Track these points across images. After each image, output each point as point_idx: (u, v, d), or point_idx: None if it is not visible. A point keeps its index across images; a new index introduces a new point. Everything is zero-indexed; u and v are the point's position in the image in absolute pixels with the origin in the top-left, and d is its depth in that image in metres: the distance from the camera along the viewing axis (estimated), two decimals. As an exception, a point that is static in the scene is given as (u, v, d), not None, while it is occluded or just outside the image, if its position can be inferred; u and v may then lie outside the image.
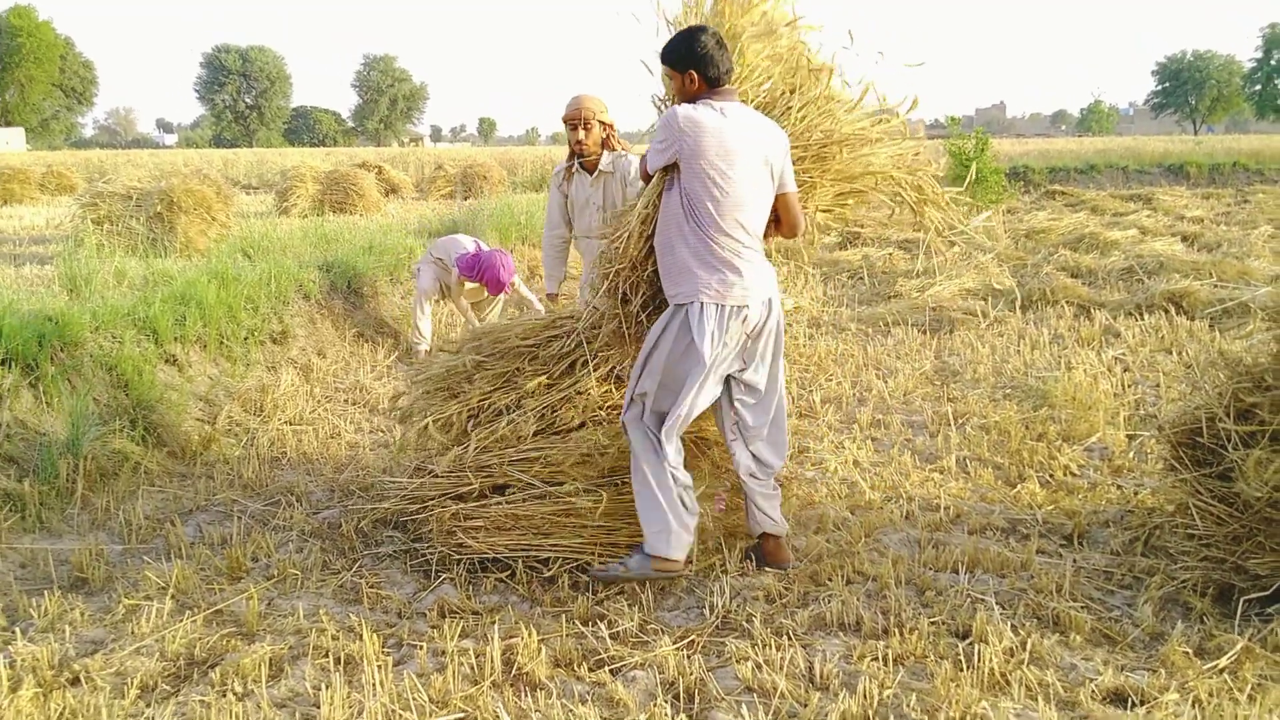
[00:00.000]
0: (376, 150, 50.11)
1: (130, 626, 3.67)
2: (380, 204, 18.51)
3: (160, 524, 4.73)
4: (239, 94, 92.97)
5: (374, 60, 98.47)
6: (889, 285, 11.15)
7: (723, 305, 3.76)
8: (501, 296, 8.34)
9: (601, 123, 5.51)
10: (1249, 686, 3.16)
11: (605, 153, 5.58)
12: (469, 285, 8.15)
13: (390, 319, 9.25)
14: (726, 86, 3.81)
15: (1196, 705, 3.06)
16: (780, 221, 4.00)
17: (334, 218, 15.76)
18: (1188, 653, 3.36)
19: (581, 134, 5.47)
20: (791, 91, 4.18)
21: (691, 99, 3.80)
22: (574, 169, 5.74)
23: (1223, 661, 3.29)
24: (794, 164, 4.01)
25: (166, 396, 5.92)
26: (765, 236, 3.97)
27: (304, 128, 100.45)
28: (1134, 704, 3.09)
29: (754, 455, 4.02)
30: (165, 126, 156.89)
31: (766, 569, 4.09)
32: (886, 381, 7.18)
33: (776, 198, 3.91)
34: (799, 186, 4.05)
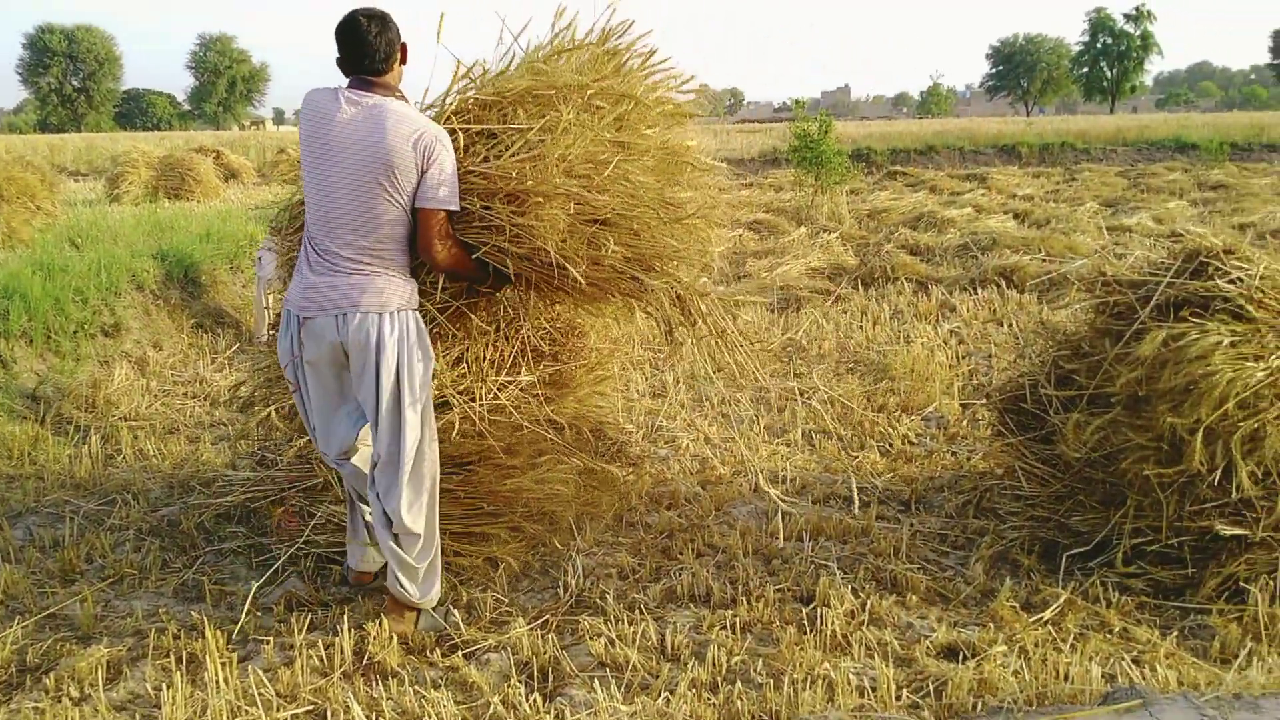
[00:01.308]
0: (215, 134, 48.25)
1: (-47, 636, 3.48)
2: (219, 190, 17.85)
3: (-16, 528, 4.48)
4: (65, 76, 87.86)
5: (211, 40, 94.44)
6: (739, 266, 11.36)
7: (291, 312, 3.40)
8: None
9: None
10: (1071, 636, 3.38)
11: None
12: None
13: (231, 308, 8.95)
14: (374, 79, 3.28)
15: (1022, 656, 3.25)
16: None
17: (170, 205, 15.13)
18: (1015, 607, 3.56)
19: None
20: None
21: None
22: None
23: (1047, 614, 3.51)
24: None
25: (-12, 395, 5.61)
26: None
27: (137, 111, 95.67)
28: (965, 657, 3.25)
29: (384, 510, 3.40)
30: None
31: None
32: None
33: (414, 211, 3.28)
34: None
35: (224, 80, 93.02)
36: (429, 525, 3.45)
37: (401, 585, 3.44)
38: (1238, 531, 3.55)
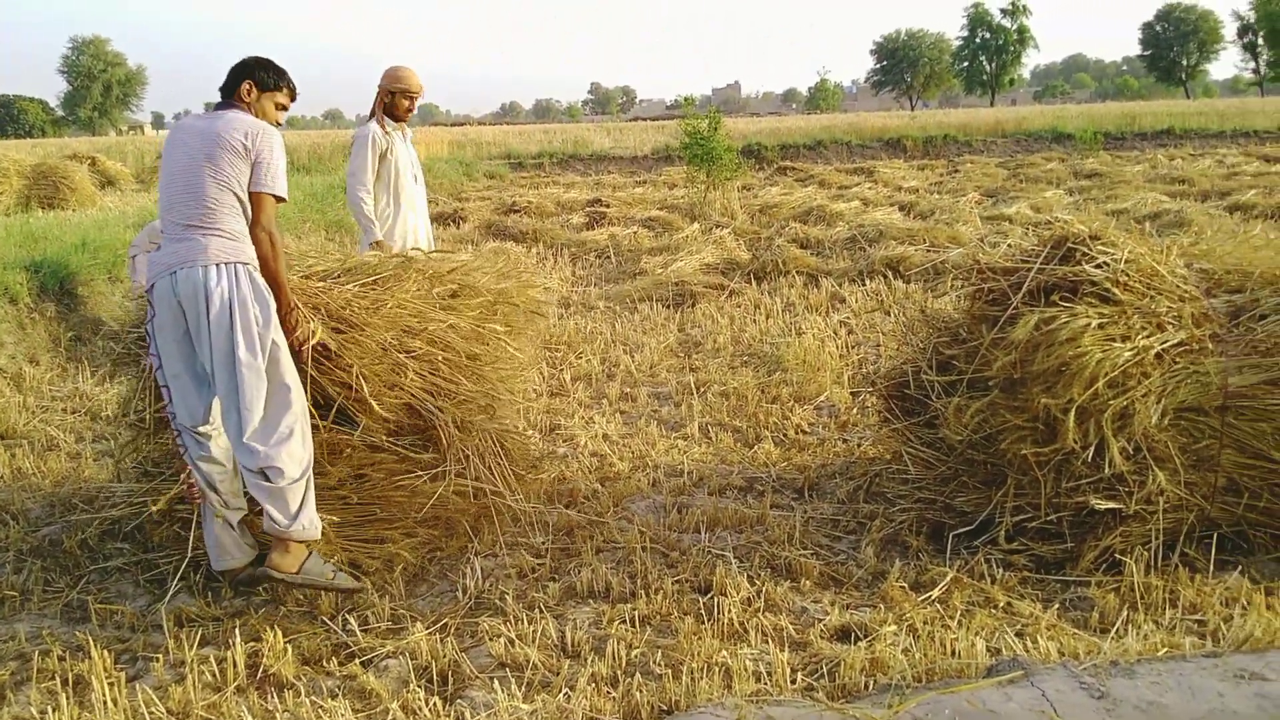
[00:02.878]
0: (91, 140, 46.51)
1: None
2: (95, 197, 17.26)
3: None
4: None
5: (83, 43, 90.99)
6: (634, 263, 11.42)
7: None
8: None
9: None
10: (958, 613, 3.49)
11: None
12: None
13: (111, 319, 8.62)
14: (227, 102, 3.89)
15: (912, 634, 3.35)
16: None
17: (43, 215, 14.56)
18: (904, 587, 3.67)
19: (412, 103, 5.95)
20: None
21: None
22: (390, 133, 5.91)
23: (935, 593, 3.62)
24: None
25: None
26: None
27: (7, 118, 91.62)
28: (857, 638, 3.34)
29: (242, 449, 3.60)
30: None
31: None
32: (634, 356, 7.37)
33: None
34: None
35: (99, 84, 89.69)
36: (293, 459, 3.56)
37: (272, 517, 3.55)
38: (1112, 505, 3.71)
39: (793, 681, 3.09)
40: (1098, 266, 3.93)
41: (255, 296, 3.62)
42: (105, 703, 3.03)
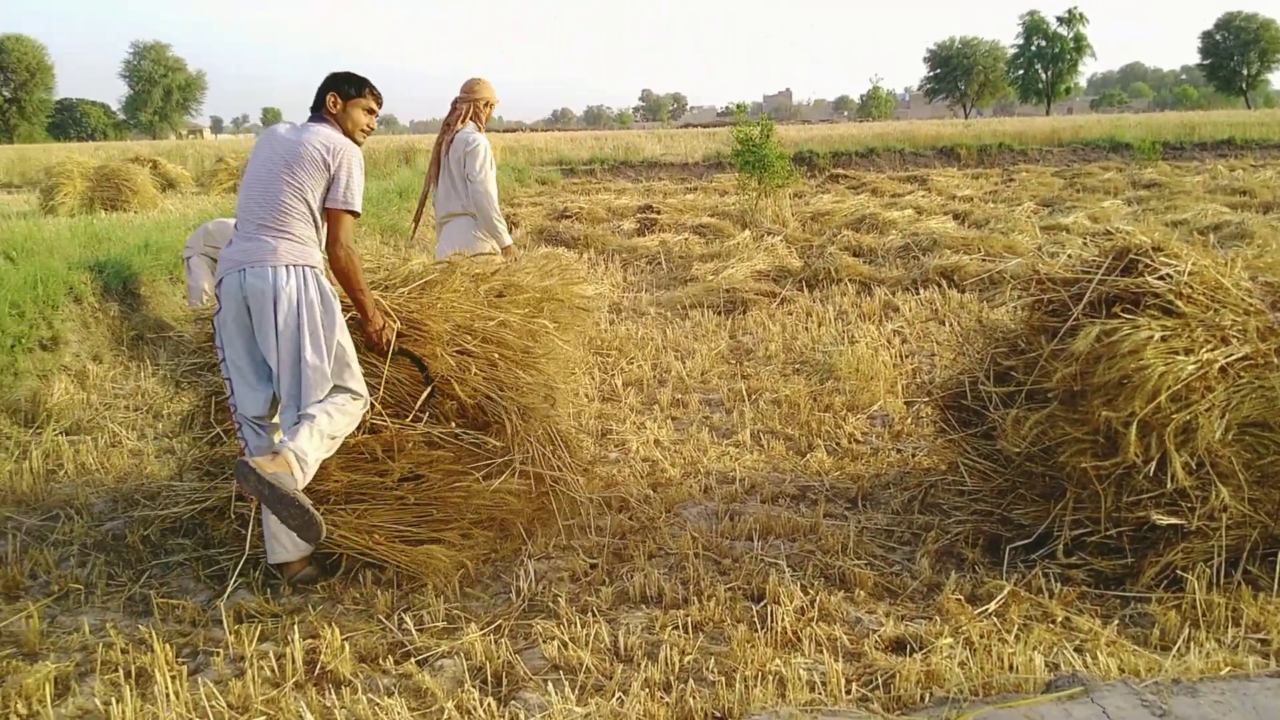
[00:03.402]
0: (152, 144, 47.41)
1: (-107, 657, 3.41)
2: (157, 200, 17.59)
3: (-78, 548, 4.39)
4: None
5: (145, 48, 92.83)
6: (685, 269, 11.42)
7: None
8: None
9: None
10: (1015, 627, 3.45)
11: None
12: None
13: (172, 320, 8.80)
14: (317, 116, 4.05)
15: (968, 647, 3.32)
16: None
17: (106, 216, 14.87)
18: (960, 600, 3.63)
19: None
20: None
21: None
22: None
23: (991, 606, 3.58)
24: None
25: (-78, 412, 5.49)
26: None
27: (70, 121, 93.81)
28: (913, 650, 3.32)
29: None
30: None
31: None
32: (685, 362, 7.38)
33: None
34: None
35: (159, 89, 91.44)
36: (331, 419, 3.67)
37: (284, 441, 3.60)
38: (1174, 521, 3.65)
39: (847, 692, 3.07)
40: (1160, 278, 3.86)
41: (322, 300, 3.76)
42: (167, 696, 3.09)
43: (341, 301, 3.91)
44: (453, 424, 4.06)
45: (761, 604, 3.65)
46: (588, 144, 35.34)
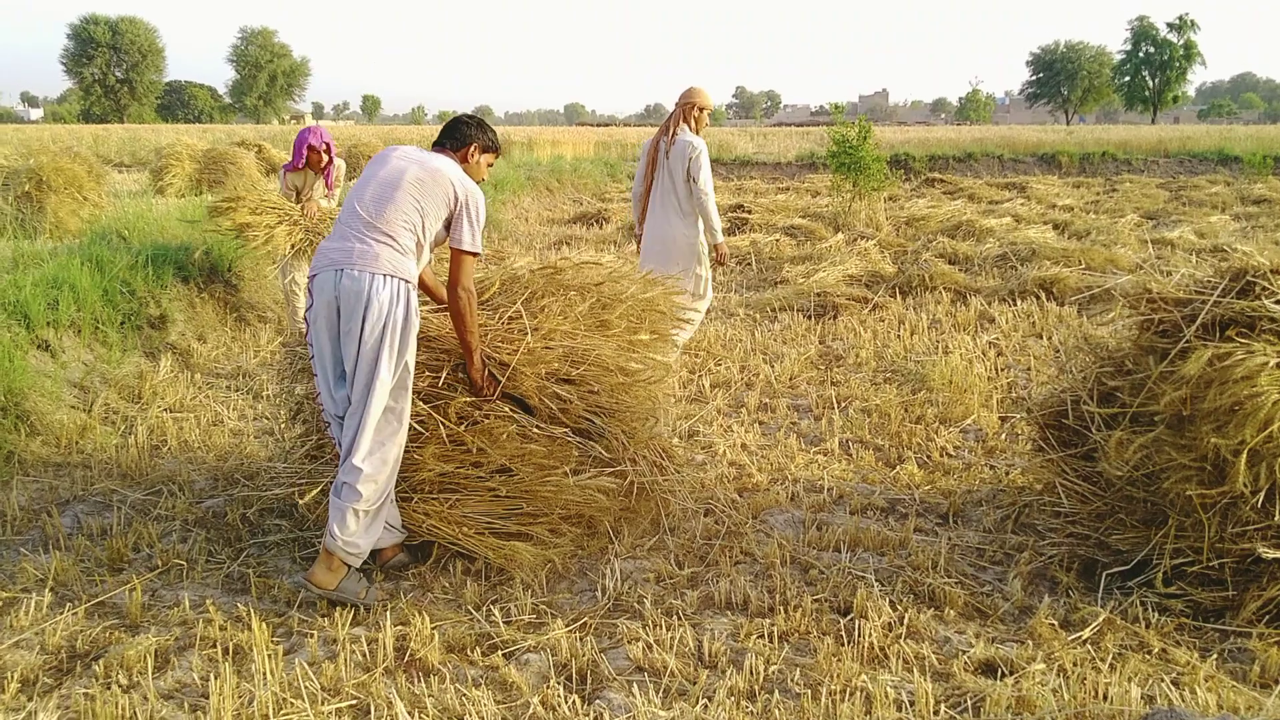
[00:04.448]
0: (256, 128, 48.68)
1: (8, 619, 3.57)
2: (261, 184, 18.01)
3: (36, 515, 4.58)
4: (109, 67, 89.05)
5: (251, 34, 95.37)
6: (776, 271, 11.35)
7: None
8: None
9: None
10: (1110, 656, 3.36)
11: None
12: (310, 188, 7.72)
13: (274, 302, 9.05)
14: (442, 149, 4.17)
15: (1061, 674, 3.24)
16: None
17: (212, 197, 15.27)
18: (1054, 624, 3.55)
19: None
20: None
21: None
22: None
23: (1086, 633, 3.50)
24: None
25: (39, 384, 5.71)
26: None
27: (178, 103, 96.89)
28: (1003, 674, 3.25)
29: (344, 450, 3.76)
30: (30, 100, 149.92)
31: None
32: (773, 366, 7.34)
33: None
34: None
35: (265, 74, 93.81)
36: (376, 489, 3.69)
37: (332, 532, 3.66)
38: (1280, 555, 3.52)
39: (935, 713, 3.03)
40: (1278, 302, 3.73)
41: (407, 317, 3.74)
42: (263, 674, 3.18)
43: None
44: (557, 429, 4.11)
45: (849, 617, 3.62)
46: (680, 140, 35.22)
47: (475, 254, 3.93)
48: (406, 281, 3.78)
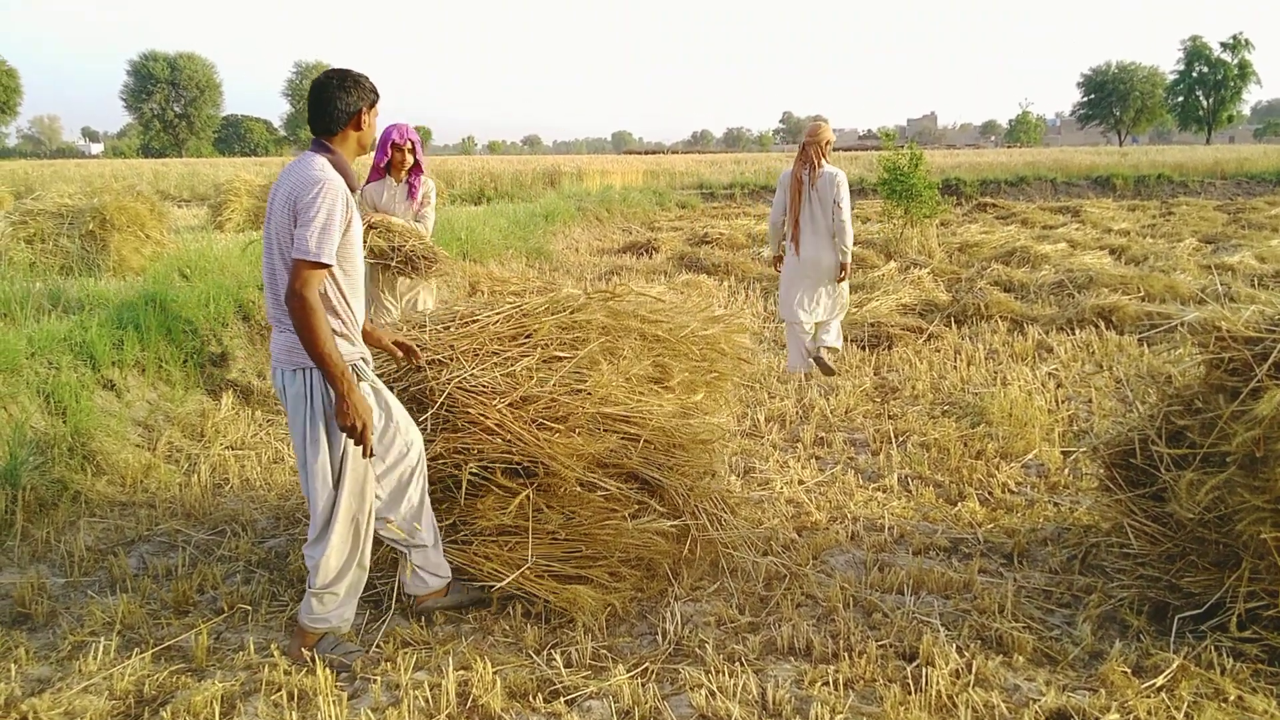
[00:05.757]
0: (311, 161, 49.37)
1: (77, 664, 3.62)
2: (317, 218, 18.28)
3: (103, 555, 4.65)
4: (167, 102, 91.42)
5: (306, 68, 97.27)
6: (828, 300, 11.27)
7: None
8: (418, 194, 6.55)
9: None
10: (1185, 705, 3.27)
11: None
12: (392, 201, 6.60)
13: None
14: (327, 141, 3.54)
15: (1135, 723, 3.17)
16: None
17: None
18: (1126, 671, 3.47)
19: None
20: None
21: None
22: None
23: (1160, 680, 3.41)
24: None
25: (105, 423, 5.83)
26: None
27: (235, 137, 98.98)
28: (1076, 724, 3.18)
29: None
30: (91, 135, 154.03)
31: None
32: (829, 399, 7.28)
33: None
34: None
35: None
36: (326, 566, 3.62)
37: (301, 609, 3.71)
38: (1361, 600, 3.42)
39: (1007, 765, 2.96)
40: (1355, 340, 3.64)
41: (322, 396, 3.48)
42: (329, 720, 3.19)
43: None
44: (612, 486, 4.08)
45: (914, 664, 3.56)
46: (728, 167, 35.38)
47: (313, 263, 3.27)
48: (312, 368, 3.44)
